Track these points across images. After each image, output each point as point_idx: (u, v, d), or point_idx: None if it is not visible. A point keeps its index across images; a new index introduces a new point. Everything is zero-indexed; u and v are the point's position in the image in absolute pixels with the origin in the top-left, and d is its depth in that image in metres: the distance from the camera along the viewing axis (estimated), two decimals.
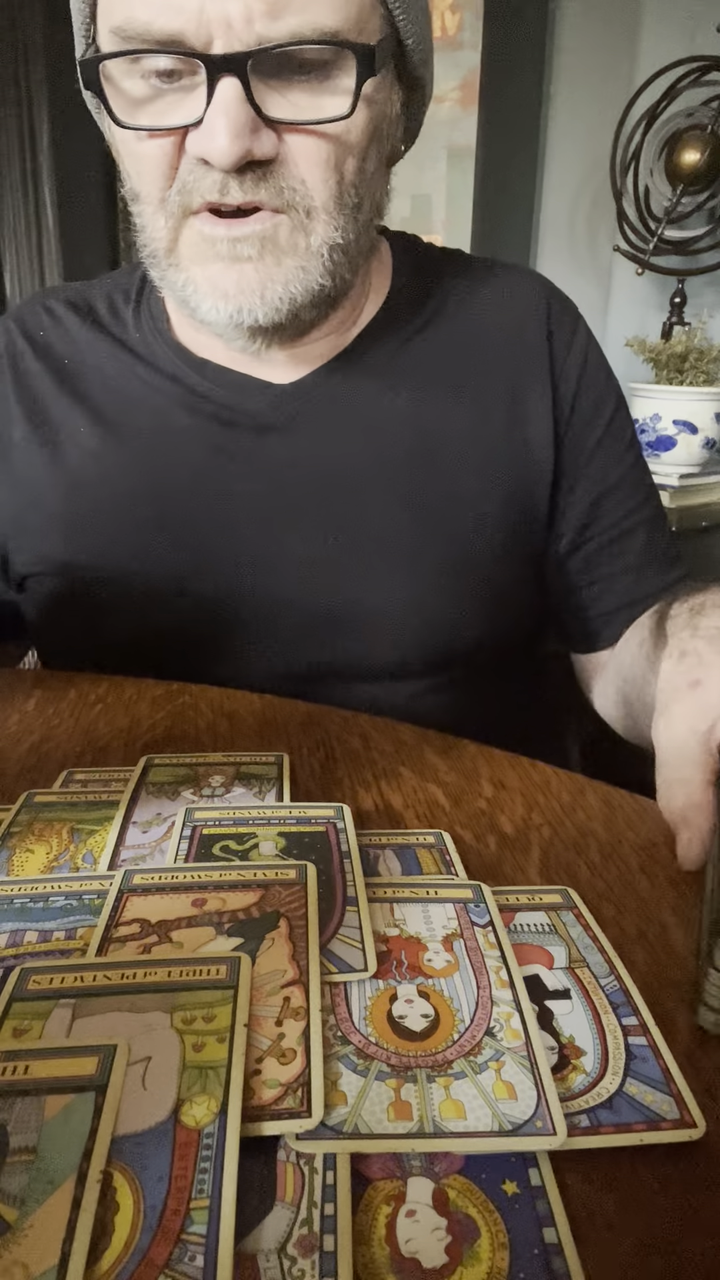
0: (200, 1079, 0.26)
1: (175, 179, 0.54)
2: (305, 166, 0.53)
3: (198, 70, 0.50)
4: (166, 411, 0.66)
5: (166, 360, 0.68)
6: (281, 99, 0.51)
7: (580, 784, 0.50)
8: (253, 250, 0.54)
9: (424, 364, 0.67)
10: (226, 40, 0.48)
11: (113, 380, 0.68)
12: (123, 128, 0.53)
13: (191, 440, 0.66)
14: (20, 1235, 0.22)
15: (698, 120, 1.68)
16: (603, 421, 0.70)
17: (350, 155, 0.54)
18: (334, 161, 0.53)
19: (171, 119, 0.52)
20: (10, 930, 0.34)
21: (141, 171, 0.55)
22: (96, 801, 0.45)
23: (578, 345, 0.70)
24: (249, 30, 0.48)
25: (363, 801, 0.47)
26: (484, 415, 0.66)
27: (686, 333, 1.66)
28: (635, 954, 0.35)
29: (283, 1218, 0.23)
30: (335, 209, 0.55)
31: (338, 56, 0.51)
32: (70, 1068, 0.26)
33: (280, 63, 0.50)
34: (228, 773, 0.48)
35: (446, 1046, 0.29)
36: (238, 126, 0.49)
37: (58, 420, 0.68)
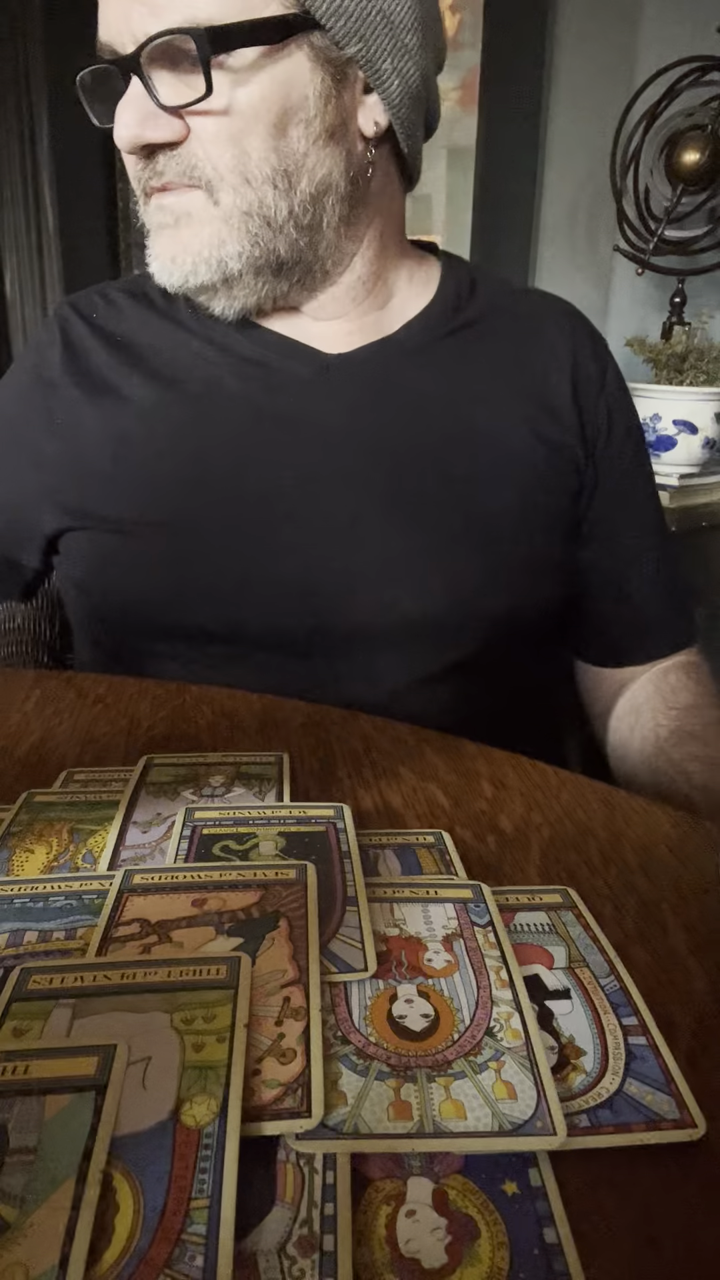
0: (200, 1079, 0.26)
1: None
2: (202, 142, 0.58)
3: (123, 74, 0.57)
4: (216, 377, 0.70)
5: (219, 330, 0.71)
6: (171, 89, 0.57)
7: (580, 784, 0.50)
8: (169, 218, 0.62)
9: (463, 358, 0.71)
10: (124, 43, 0.56)
11: (166, 351, 0.72)
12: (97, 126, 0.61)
13: (239, 404, 0.69)
14: (20, 1235, 0.22)
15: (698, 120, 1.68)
16: (630, 449, 0.76)
17: (251, 130, 0.58)
18: (231, 136, 0.58)
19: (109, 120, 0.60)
20: (10, 930, 0.34)
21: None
22: (96, 801, 0.45)
23: (610, 378, 0.76)
24: (139, 30, 0.55)
25: (363, 801, 0.47)
26: (515, 413, 0.71)
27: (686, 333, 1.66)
28: (635, 954, 0.35)
29: (283, 1218, 0.23)
30: (240, 180, 0.59)
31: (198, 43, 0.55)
32: (70, 1068, 0.26)
33: (168, 55, 0.56)
34: (228, 773, 0.48)
35: (446, 1046, 0.29)
36: (130, 117, 0.57)
37: (111, 382, 0.71)
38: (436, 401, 0.70)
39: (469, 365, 0.71)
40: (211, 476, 0.68)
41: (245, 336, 0.70)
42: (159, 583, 0.69)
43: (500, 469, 0.69)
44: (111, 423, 0.70)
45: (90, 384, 0.71)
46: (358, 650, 0.68)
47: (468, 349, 0.72)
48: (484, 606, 0.69)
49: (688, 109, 1.69)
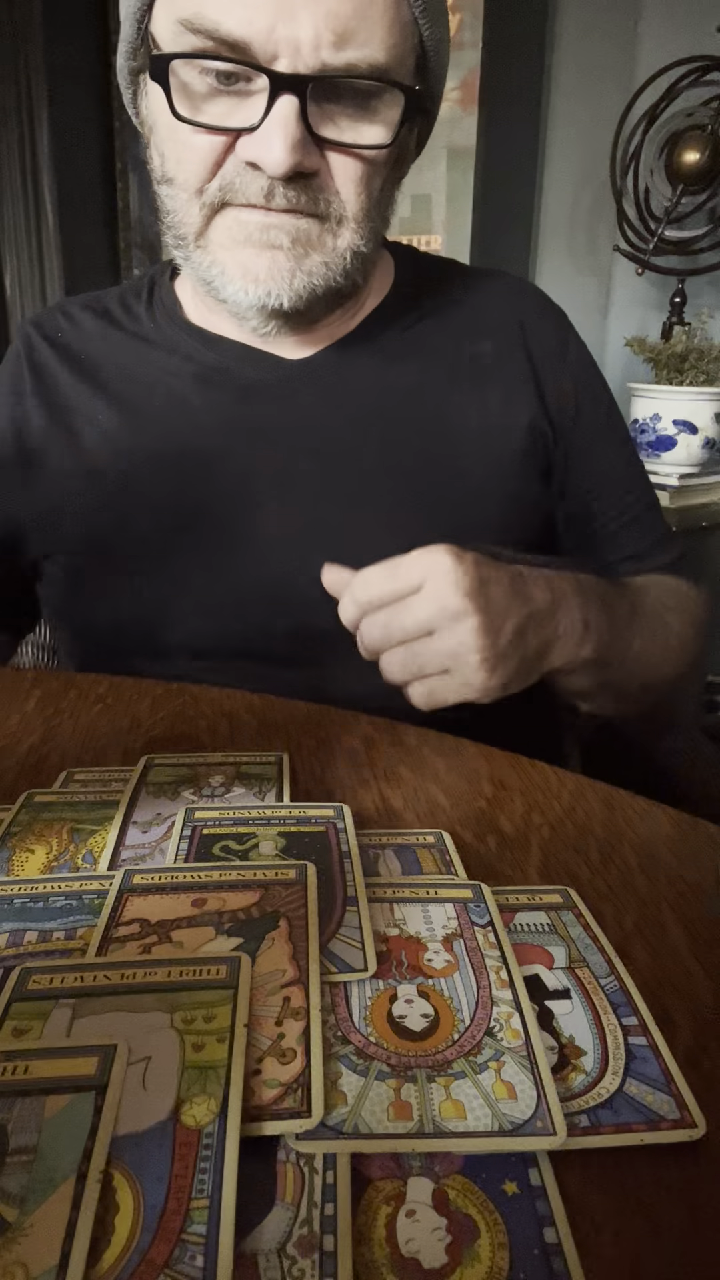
0: (200, 1079, 0.26)
1: (218, 175, 0.58)
2: (342, 181, 0.58)
3: (255, 79, 0.54)
4: (181, 390, 0.70)
5: (180, 342, 0.71)
6: (328, 120, 0.56)
7: (580, 784, 0.50)
8: (285, 239, 0.59)
9: (422, 349, 0.71)
10: (292, 61, 0.52)
11: (129, 369, 0.71)
12: (182, 121, 0.56)
13: (205, 415, 0.69)
14: (20, 1235, 0.22)
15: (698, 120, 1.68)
16: (598, 417, 0.74)
17: (378, 176, 0.60)
18: (366, 180, 0.59)
19: (229, 121, 0.56)
20: (10, 930, 0.34)
21: (185, 161, 0.58)
22: (96, 801, 0.45)
23: (570, 344, 0.75)
24: (314, 56, 0.52)
25: (363, 801, 0.47)
26: (478, 398, 0.71)
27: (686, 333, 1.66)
28: (635, 954, 0.35)
29: (283, 1218, 0.23)
30: (363, 220, 0.60)
31: (383, 91, 0.56)
32: (70, 1068, 0.26)
33: (333, 88, 0.55)
34: (228, 773, 0.48)
35: (446, 1046, 0.29)
36: (292, 141, 0.53)
37: (76, 407, 0.71)
38: (399, 397, 0.70)
39: (428, 357, 0.71)
40: (182, 492, 0.68)
41: (207, 347, 0.70)
42: (138, 603, 0.69)
43: (469, 459, 0.69)
44: (79, 449, 0.70)
45: (57, 410, 0.71)
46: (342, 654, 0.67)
47: (425, 341, 0.72)
48: None
49: (688, 109, 1.69)
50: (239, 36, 0.52)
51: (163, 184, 0.61)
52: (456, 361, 0.71)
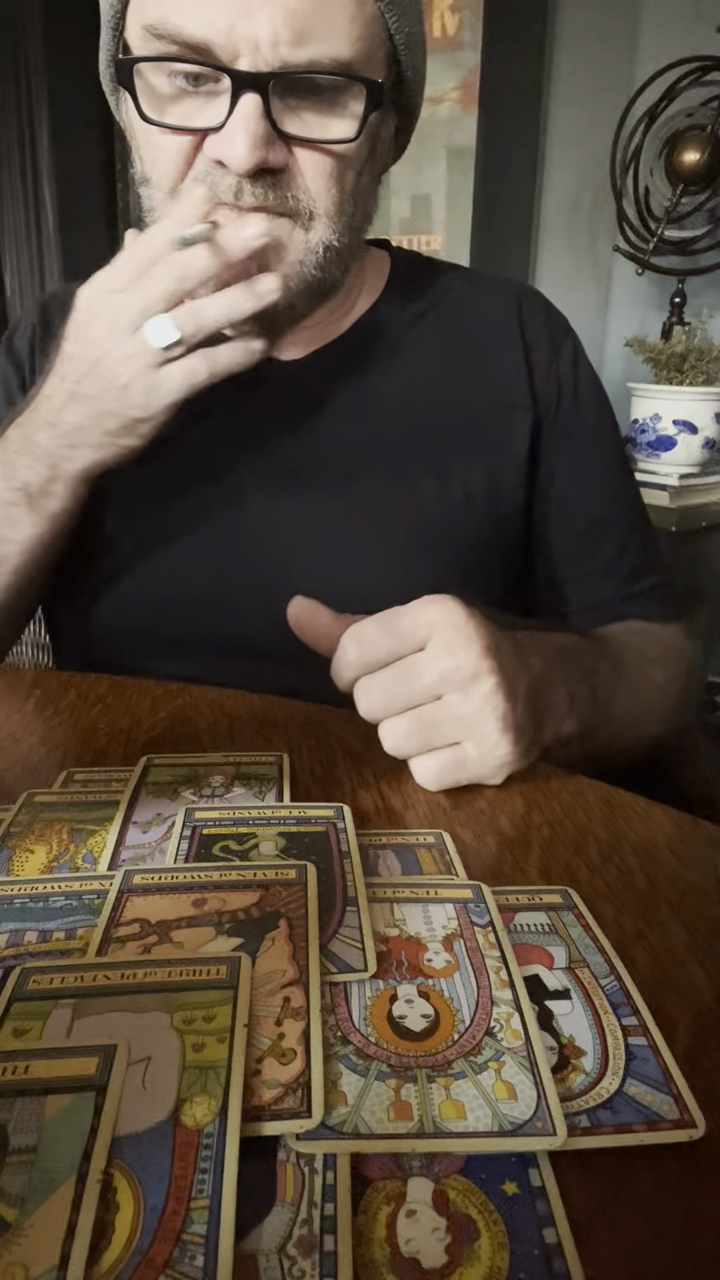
0: (200, 1079, 0.26)
1: (189, 174, 0.58)
2: (310, 177, 0.58)
3: (221, 80, 0.54)
4: None
5: None
6: (294, 116, 0.56)
7: (580, 784, 0.50)
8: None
9: (416, 351, 0.71)
10: (252, 59, 0.53)
11: None
12: (149, 123, 0.57)
13: (199, 412, 0.68)
14: (20, 1235, 0.22)
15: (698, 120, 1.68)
16: (586, 424, 0.73)
17: (350, 170, 0.59)
18: (336, 175, 0.58)
19: (194, 121, 0.56)
20: (10, 930, 0.34)
21: (158, 161, 0.59)
22: (96, 801, 0.45)
23: (566, 350, 0.74)
24: (274, 53, 0.53)
25: (363, 801, 0.47)
26: (468, 398, 0.70)
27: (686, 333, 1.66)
28: (635, 954, 0.35)
29: (283, 1218, 0.23)
30: (335, 215, 0.60)
31: (349, 85, 0.55)
32: (70, 1068, 0.26)
33: (295, 84, 0.55)
34: (228, 773, 0.48)
35: (446, 1046, 0.29)
36: (256, 138, 0.53)
37: None
38: (390, 400, 0.69)
39: (421, 359, 0.71)
40: (170, 491, 0.68)
41: None
42: (128, 599, 0.69)
43: (457, 464, 0.69)
44: None
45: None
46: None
47: (419, 343, 0.71)
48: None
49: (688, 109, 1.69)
50: (201, 38, 0.53)
51: (142, 184, 0.62)
52: (451, 365, 0.71)
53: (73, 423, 0.60)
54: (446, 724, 0.46)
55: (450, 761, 0.47)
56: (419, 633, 0.46)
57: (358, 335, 0.71)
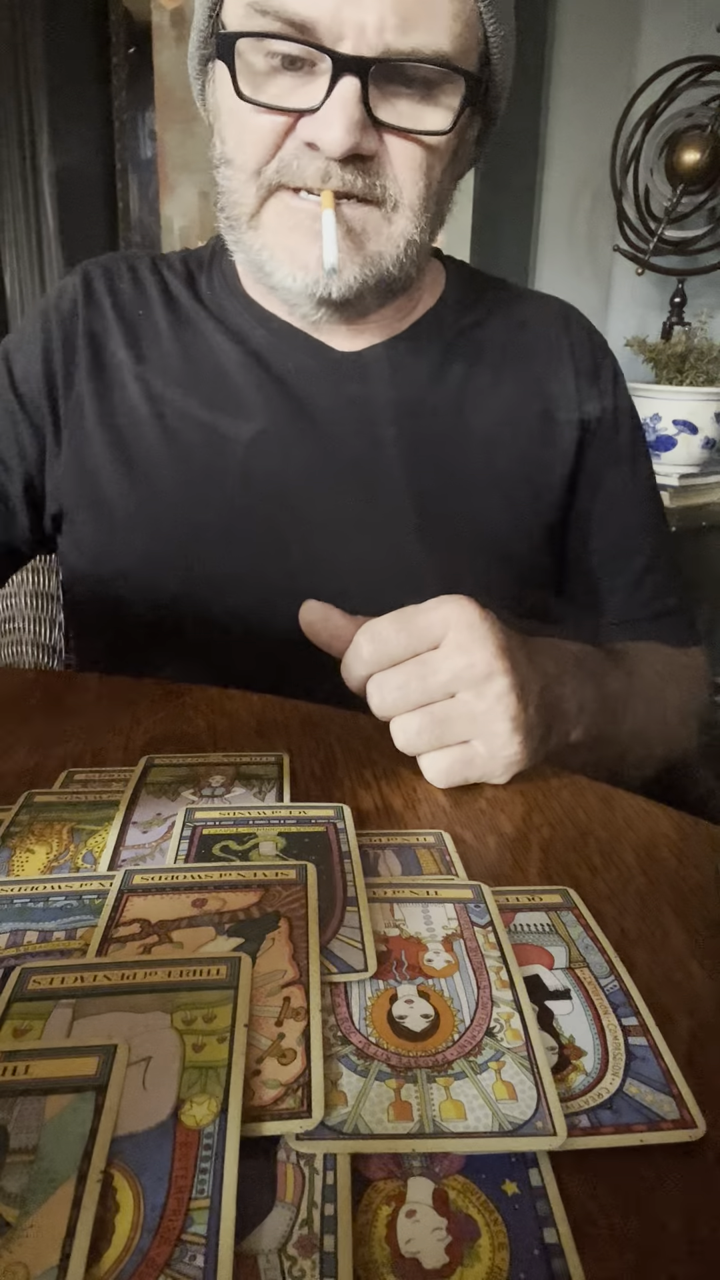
0: (200, 1079, 0.26)
1: (276, 156, 0.58)
2: (400, 167, 0.58)
3: (319, 62, 0.54)
4: (224, 369, 0.70)
5: (234, 313, 0.71)
6: (389, 105, 0.56)
7: (580, 784, 0.50)
8: (339, 230, 0.58)
9: (467, 360, 0.72)
10: (355, 43, 0.53)
11: (180, 335, 0.71)
12: (244, 100, 0.57)
13: (248, 395, 0.69)
14: (21, 1235, 0.22)
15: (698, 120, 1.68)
16: (622, 445, 0.75)
17: (438, 165, 0.60)
18: (424, 167, 0.59)
19: (290, 102, 0.56)
20: (10, 930, 0.34)
21: (245, 142, 0.59)
22: (96, 801, 0.45)
23: (606, 370, 0.76)
24: (379, 38, 0.53)
25: (363, 801, 0.47)
26: (516, 409, 0.71)
27: (686, 333, 1.66)
28: (635, 954, 0.35)
29: (283, 1218, 0.23)
30: (419, 208, 0.60)
31: (445, 78, 0.56)
32: (70, 1068, 0.26)
33: (395, 72, 0.55)
34: (228, 773, 0.48)
35: (446, 1047, 0.29)
36: (352, 122, 0.54)
37: (119, 375, 0.70)
38: (440, 403, 0.70)
39: (472, 368, 0.72)
40: (217, 470, 0.68)
41: (260, 325, 0.70)
42: (158, 577, 0.68)
43: (500, 474, 0.70)
44: (111, 413, 0.69)
45: (100, 368, 0.71)
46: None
47: (472, 351, 0.72)
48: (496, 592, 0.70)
49: (688, 109, 1.69)
50: (305, 17, 0.53)
51: (222, 166, 0.62)
52: (501, 375, 0.72)
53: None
54: (459, 722, 0.46)
55: (460, 759, 0.47)
56: (434, 630, 0.46)
57: (417, 335, 0.71)
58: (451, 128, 0.57)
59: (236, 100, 0.57)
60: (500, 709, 0.46)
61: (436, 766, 0.47)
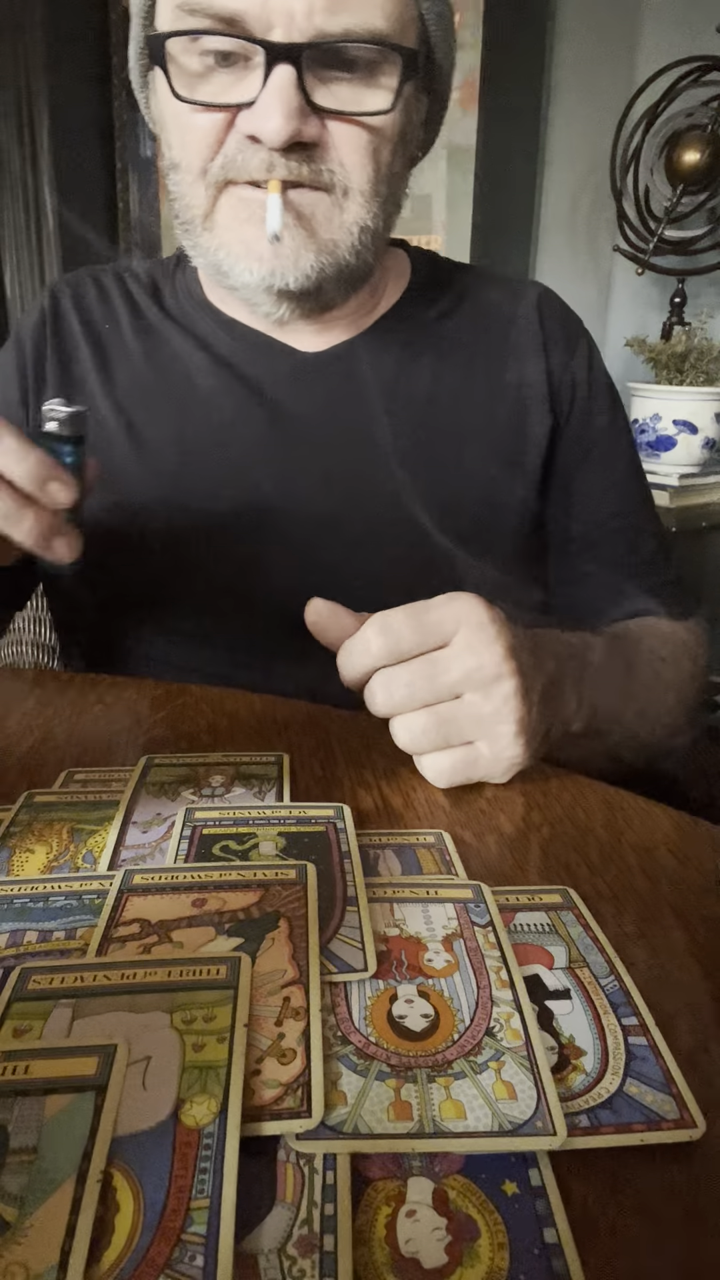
0: (200, 1079, 0.26)
1: (220, 153, 0.58)
2: (345, 151, 0.57)
3: (253, 55, 0.54)
4: (192, 379, 0.70)
5: (199, 321, 0.71)
6: (327, 90, 0.55)
7: (580, 784, 0.50)
8: (290, 218, 0.58)
9: (439, 346, 0.71)
10: (286, 30, 0.53)
11: (145, 350, 0.71)
12: (181, 100, 0.56)
13: (215, 402, 0.69)
14: (20, 1235, 0.22)
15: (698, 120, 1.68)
16: (599, 423, 0.74)
17: (384, 147, 0.59)
18: (371, 150, 0.58)
19: (227, 97, 0.56)
20: (10, 930, 0.34)
21: (188, 143, 0.58)
22: (96, 801, 0.45)
23: (581, 349, 0.74)
24: (308, 23, 0.52)
25: (363, 801, 0.47)
26: (490, 396, 0.70)
27: (686, 333, 1.66)
28: (635, 954, 0.35)
29: (283, 1218, 0.23)
30: (370, 193, 0.59)
31: (382, 57, 0.55)
32: (70, 1068, 0.26)
33: (330, 56, 0.54)
34: (228, 773, 0.48)
35: (446, 1046, 0.29)
36: (290, 109, 0.53)
37: (85, 382, 0.71)
38: (412, 396, 0.70)
39: (443, 357, 0.71)
40: (185, 480, 0.68)
41: (224, 331, 0.70)
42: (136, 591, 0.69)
43: (478, 460, 0.69)
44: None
45: (70, 381, 0.71)
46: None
47: (441, 341, 0.72)
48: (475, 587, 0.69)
49: (688, 109, 1.69)
50: (233, 10, 0.53)
51: (171, 172, 0.62)
52: (473, 363, 0.71)
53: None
54: (465, 723, 0.46)
55: (463, 760, 0.47)
56: (445, 628, 0.45)
57: (383, 329, 0.71)
58: (392, 106, 0.56)
59: (177, 103, 0.57)
60: (506, 711, 0.45)
61: (438, 766, 0.47)
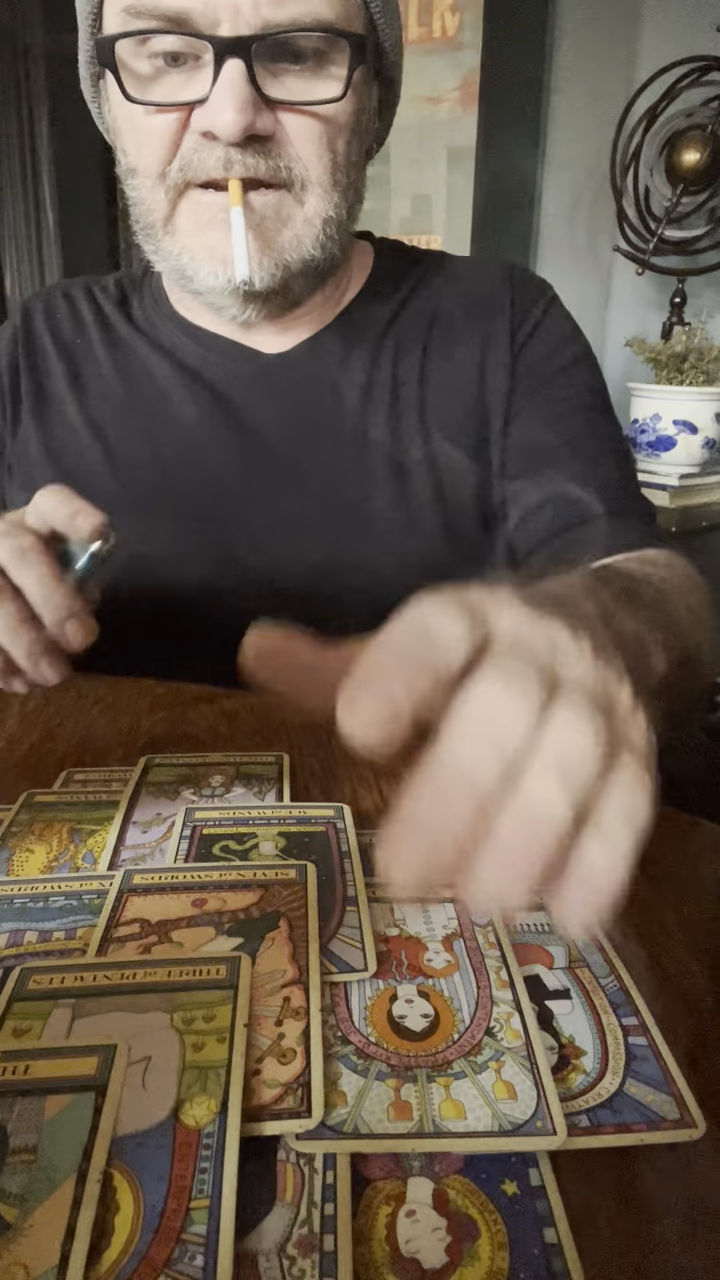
0: (200, 1079, 0.26)
1: (176, 155, 0.57)
2: (301, 144, 0.57)
3: (202, 53, 0.54)
4: (162, 385, 0.70)
5: (165, 330, 0.71)
6: (278, 82, 0.55)
7: None
8: (251, 220, 0.57)
9: (402, 337, 0.70)
10: (233, 24, 0.52)
11: (116, 359, 0.71)
12: (133, 103, 0.56)
13: (184, 413, 0.69)
14: (20, 1235, 0.22)
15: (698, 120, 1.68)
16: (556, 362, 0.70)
17: (340, 136, 0.58)
18: (326, 140, 0.57)
19: (179, 96, 0.55)
20: (10, 930, 0.34)
21: (143, 146, 0.58)
22: (96, 801, 0.45)
23: (539, 307, 0.71)
24: (255, 15, 0.52)
25: (363, 801, 0.47)
26: (457, 381, 0.69)
27: (686, 333, 1.66)
28: (635, 954, 0.35)
29: (283, 1218, 0.23)
30: (329, 184, 0.59)
31: (331, 46, 0.55)
32: (70, 1068, 0.26)
33: (279, 48, 0.54)
34: (228, 773, 0.48)
35: (446, 1046, 0.29)
36: (243, 102, 0.53)
37: (59, 405, 0.71)
38: (376, 386, 0.69)
39: (407, 345, 0.70)
40: (164, 488, 0.68)
41: (189, 338, 0.70)
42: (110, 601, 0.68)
43: (446, 446, 0.68)
44: (55, 445, 0.70)
45: (42, 398, 0.71)
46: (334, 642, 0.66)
47: (406, 329, 0.71)
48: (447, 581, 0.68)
49: (688, 109, 1.69)
50: (178, 9, 0.52)
51: (128, 178, 0.61)
52: (437, 348, 0.70)
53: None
54: None
55: None
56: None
57: (345, 324, 0.70)
58: (344, 94, 0.56)
59: (130, 107, 0.56)
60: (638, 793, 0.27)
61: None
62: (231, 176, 0.56)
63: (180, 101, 0.55)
